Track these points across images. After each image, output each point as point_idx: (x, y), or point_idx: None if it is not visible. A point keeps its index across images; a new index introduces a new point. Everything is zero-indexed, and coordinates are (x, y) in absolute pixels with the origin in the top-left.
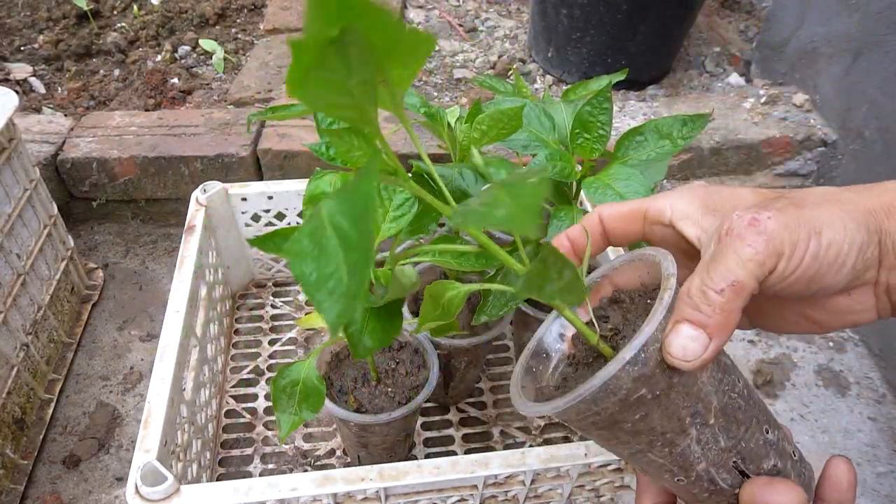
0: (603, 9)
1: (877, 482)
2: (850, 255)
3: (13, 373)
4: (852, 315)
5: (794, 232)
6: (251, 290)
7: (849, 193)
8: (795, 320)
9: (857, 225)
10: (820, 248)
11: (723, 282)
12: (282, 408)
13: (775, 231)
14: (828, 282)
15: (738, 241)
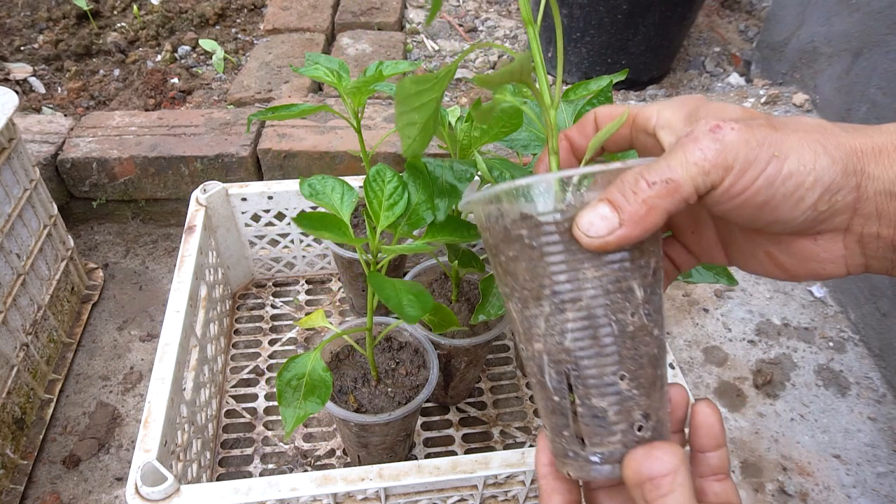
0: (603, 9)
1: (877, 482)
2: (813, 191)
3: (13, 373)
4: (818, 264)
5: (754, 150)
6: (251, 290)
7: (838, 129)
8: (763, 260)
9: (831, 161)
10: (778, 174)
11: (657, 175)
12: (286, 402)
13: (732, 143)
14: (783, 215)
15: (692, 143)
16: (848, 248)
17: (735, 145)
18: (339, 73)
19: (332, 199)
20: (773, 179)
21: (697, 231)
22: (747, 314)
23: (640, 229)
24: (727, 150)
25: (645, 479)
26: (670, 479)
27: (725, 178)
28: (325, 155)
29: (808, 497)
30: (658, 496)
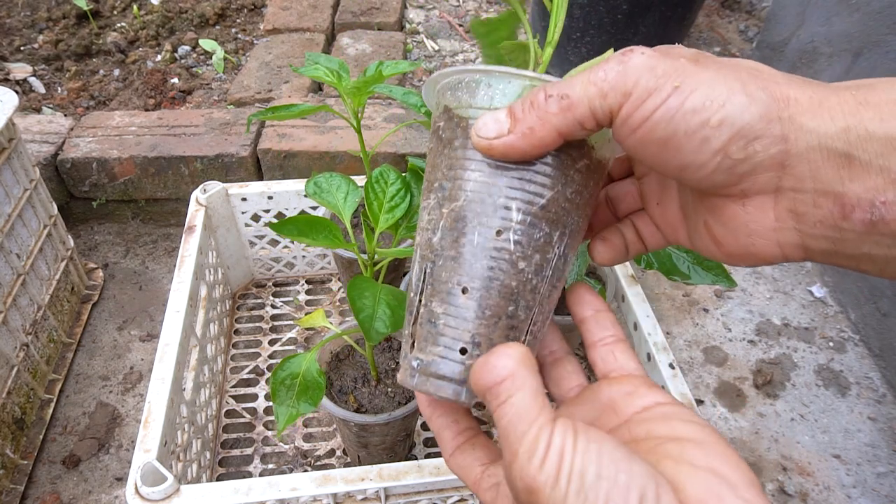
0: (603, 9)
1: (877, 482)
2: (720, 131)
3: (13, 373)
4: (747, 238)
5: (658, 78)
6: (251, 290)
7: (779, 76)
8: (703, 233)
9: (748, 102)
10: (679, 107)
11: (556, 90)
12: (280, 400)
13: (635, 68)
14: (689, 158)
15: (600, 66)
16: (779, 221)
17: (637, 69)
18: (339, 73)
19: (336, 197)
20: (672, 112)
21: (662, 203)
22: (747, 314)
23: (525, 142)
24: (628, 74)
25: (485, 389)
26: (508, 384)
27: (624, 105)
28: (325, 155)
29: (808, 497)
30: (497, 405)
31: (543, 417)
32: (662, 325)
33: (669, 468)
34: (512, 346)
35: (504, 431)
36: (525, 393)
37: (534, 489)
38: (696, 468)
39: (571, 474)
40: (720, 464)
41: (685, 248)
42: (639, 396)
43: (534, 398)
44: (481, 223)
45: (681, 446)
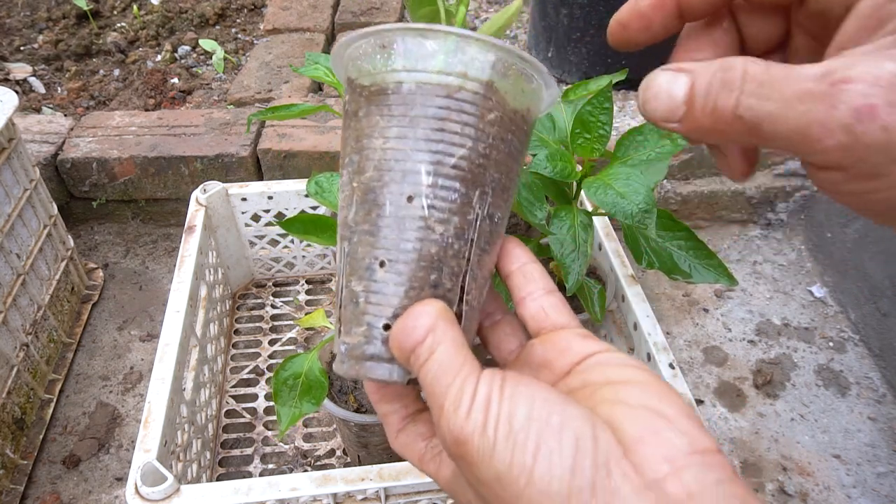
0: (603, 9)
1: (877, 482)
2: None
3: (13, 373)
4: None
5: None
6: (251, 290)
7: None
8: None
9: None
10: None
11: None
12: (283, 400)
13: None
14: None
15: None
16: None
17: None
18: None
19: (337, 197)
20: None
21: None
22: (747, 314)
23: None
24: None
25: (407, 353)
26: (429, 341)
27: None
28: (325, 155)
29: (808, 497)
30: (420, 365)
31: (467, 368)
32: (662, 325)
33: (605, 410)
34: (426, 302)
35: (430, 389)
36: (446, 346)
37: (461, 439)
38: (631, 407)
39: (499, 420)
40: (656, 401)
41: (686, 247)
42: (573, 351)
43: (457, 351)
44: (391, 191)
45: (615, 389)
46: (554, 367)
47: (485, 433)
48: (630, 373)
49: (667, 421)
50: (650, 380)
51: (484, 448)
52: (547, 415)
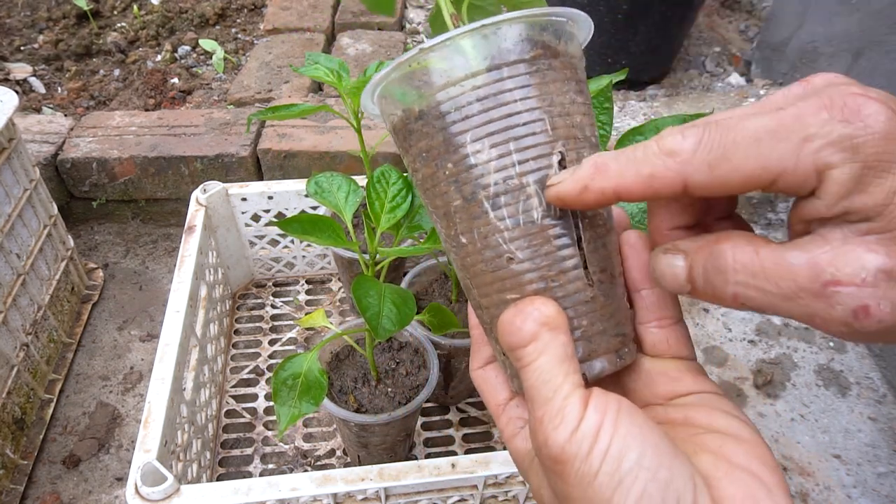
0: (603, 9)
1: (877, 482)
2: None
3: (13, 373)
4: None
5: None
6: (251, 290)
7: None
8: None
9: None
10: None
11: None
12: (282, 400)
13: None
14: None
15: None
16: None
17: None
18: (339, 73)
19: (336, 197)
20: None
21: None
22: (747, 314)
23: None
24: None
25: (509, 350)
26: (531, 348)
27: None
28: (325, 155)
29: (808, 497)
30: (521, 367)
31: (568, 386)
32: None
33: (707, 463)
34: (537, 303)
35: (528, 394)
36: (548, 357)
37: (561, 458)
38: (733, 467)
39: (608, 454)
40: (758, 465)
41: None
42: (682, 383)
43: (558, 363)
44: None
45: (720, 440)
46: (657, 389)
47: (589, 461)
48: (736, 426)
49: (766, 490)
50: (755, 440)
51: (584, 474)
52: (657, 466)
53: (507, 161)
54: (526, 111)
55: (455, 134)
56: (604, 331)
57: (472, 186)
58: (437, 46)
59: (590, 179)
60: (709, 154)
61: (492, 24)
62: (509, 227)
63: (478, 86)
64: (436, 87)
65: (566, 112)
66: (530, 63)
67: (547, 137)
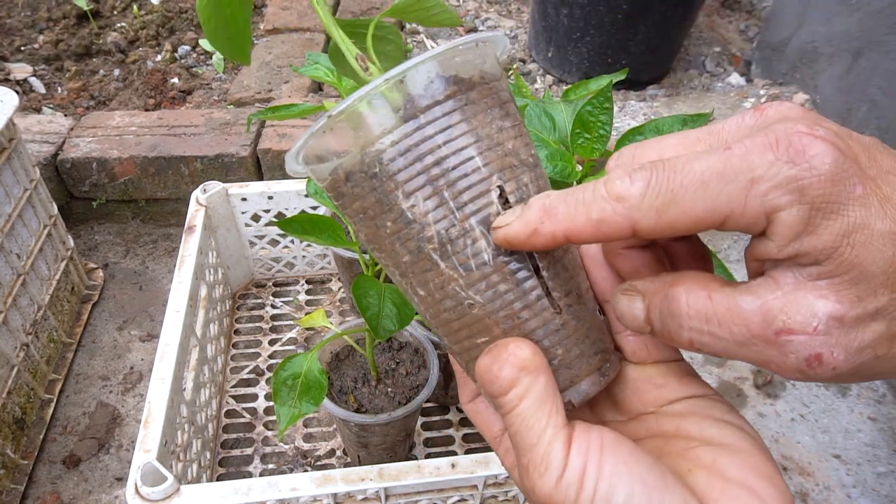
0: (603, 9)
1: (877, 482)
2: None
3: (13, 373)
4: None
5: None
6: (251, 290)
7: None
8: None
9: None
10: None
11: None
12: (282, 400)
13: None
14: None
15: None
16: None
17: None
18: (338, 73)
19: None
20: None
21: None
22: None
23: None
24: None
25: (490, 397)
26: (511, 395)
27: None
28: None
29: (808, 497)
30: (504, 414)
31: (551, 429)
32: None
33: (701, 481)
34: (511, 347)
35: (512, 439)
36: (529, 402)
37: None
38: (728, 483)
39: (595, 497)
40: (754, 478)
41: None
42: (669, 388)
43: (539, 407)
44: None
45: (713, 454)
46: (645, 397)
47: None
48: (730, 434)
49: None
50: (750, 448)
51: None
52: (647, 500)
53: (445, 209)
54: (452, 154)
55: (386, 193)
56: (581, 353)
57: (415, 242)
58: (346, 110)
59: (538, 223)
60: (656, 199)
61: (397, 75)
62: (463, 274)
63: (396, 140)
64: (355, 149)
65: (496, 142)
66: (445, 103)
67: (481, 175)
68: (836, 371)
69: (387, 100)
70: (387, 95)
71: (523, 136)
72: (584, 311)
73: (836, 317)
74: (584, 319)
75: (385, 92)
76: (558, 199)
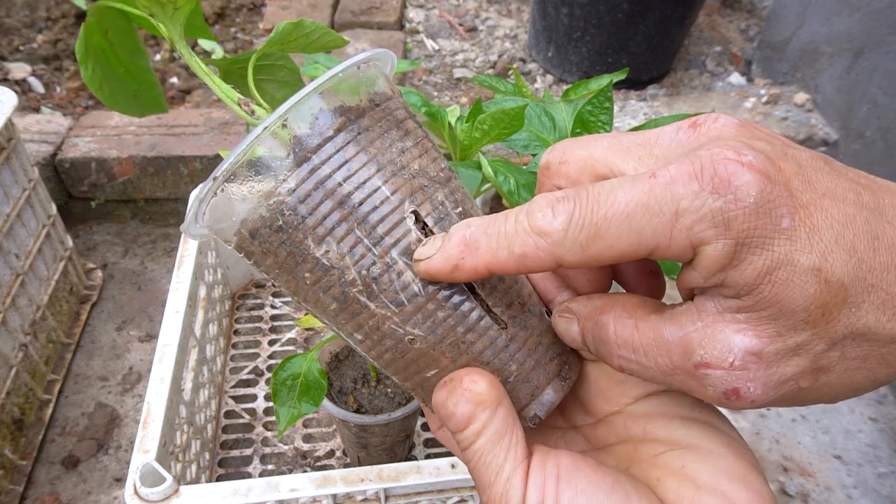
0: (603, 8)
1: (878, 482)
2: None
3: (12, 373)
4: None
5: None
6: (251, 290)
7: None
8: None
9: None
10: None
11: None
12: (281, 401)
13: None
14: None
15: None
16: None
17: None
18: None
19: None
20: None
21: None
22: None
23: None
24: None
25: (450, 430)
26: (467, 432)
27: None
28: None
29: (808, 497)
30: (462, 450)
31: (509, 465)
32: None
33: (671, 491)
34: (466, 382)
35: (472, 474)
36: (486, 438)
37: None
38: (699, 490)
39: None
40: (726, 482)
41: None
42: (630, 384)
43: (497, 442)
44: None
45: (681, 459)
46: (609, 396)
47: None
48: (698, 434)
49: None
50: (721, 448)
51: None
52: None
53: (362, 248)
54: (356, 189)
55: (296, 244)
56: (537, 363)
57: (339, 288)
58: (231, 168)
59: (459, 258)
60: (580, 234)
61: (277, 119)
62: (395, 311)
63: (293, 188)
64: (253, 205)
65: (400, 166)
66: (337, 137)
67: (391, 204)
68: (754, 403)
69: (274, 146)
70: (273, 142)
71: (429, 151)
72: (531, 319)
73: (753, 352)
74: (533, 327)
75: (270, 138)
76: (479, 230)
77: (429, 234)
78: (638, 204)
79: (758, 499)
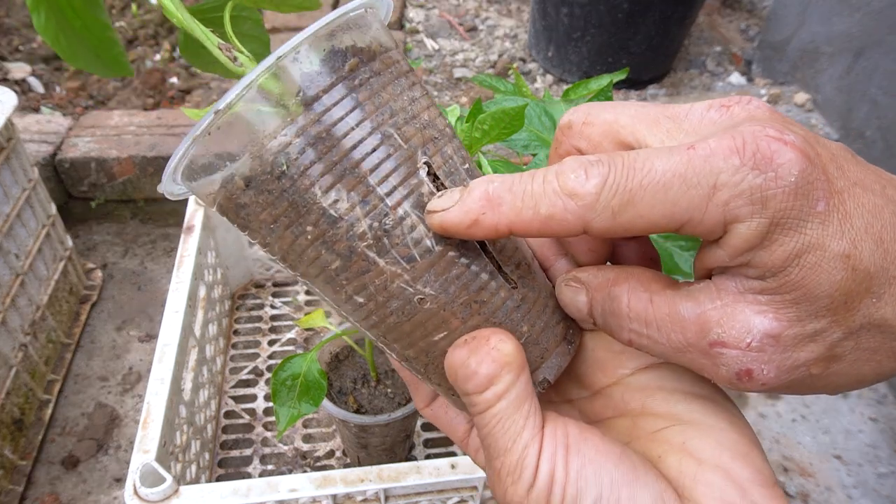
0: (603, 8)
1: (878, 482)
2: None
3: (12, 373)
4: None
5: None
6: (250, 290)
7: None
8: None
9: None
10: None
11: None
12: (281, 401)
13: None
14: None
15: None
16: None
17: None
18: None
19: None
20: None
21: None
22: None
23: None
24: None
25: (462, 393)
26: (489, 395)
27: None
28: None
29: (809, 498)
30: (477, 413)
31: (528, 432)
32: None
33: (674, 466)
34: (493, 340)
35: (484, 441)
36: (507, 402)
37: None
38: (702, 466)
39: (564, 501)
40: (729, 458)
41: (687, 247)
42: (628, 355)
43: (518, 407)
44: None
45: (682, 434)
46: (606, 368)
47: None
48: (699, 409)
49: (739, 490)
50: (723, 423)
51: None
52: (616, 499)
53: (374, 198)
54: (369, 135)
55: (301, 192)
56: (546, 325)
57: (345, 242)
58: (235, 102)
59: (479, 213)
60: (613, 198)
61: (289, 52)
62: (407, 267)
63: (302, 129)
64: (255, 148)
65: (412, 115)
66: (350, 78)
67: (405, 153)
68: (765, 386)
69: (282, 83)
70: (281, 78)
71: (434, 105)
72: (537, 281)
73: (771, 335)
74: (540, 289)
75: (278, 73)
76: (503, 187)
77: (440, 188)
78: (675, 174)
79: (759, 476)
